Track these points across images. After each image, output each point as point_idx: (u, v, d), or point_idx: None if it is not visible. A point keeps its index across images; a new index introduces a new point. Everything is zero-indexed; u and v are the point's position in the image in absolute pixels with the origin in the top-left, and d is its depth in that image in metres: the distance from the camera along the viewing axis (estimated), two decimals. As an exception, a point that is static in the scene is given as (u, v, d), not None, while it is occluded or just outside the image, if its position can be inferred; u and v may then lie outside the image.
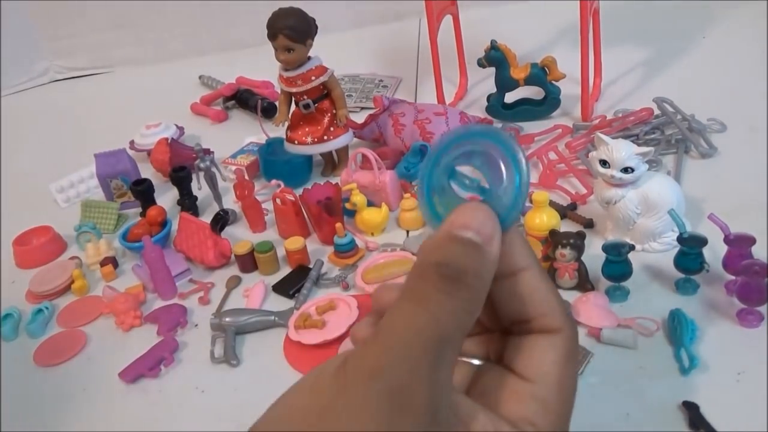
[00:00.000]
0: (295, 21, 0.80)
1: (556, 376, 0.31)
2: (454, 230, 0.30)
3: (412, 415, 0.27)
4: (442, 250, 0.29)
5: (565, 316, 0.32)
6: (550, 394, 0.31)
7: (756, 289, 0.55)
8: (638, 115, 0.87)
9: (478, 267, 0.29)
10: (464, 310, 0.29)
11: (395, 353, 0.28)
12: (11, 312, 0.74)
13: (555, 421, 0.31)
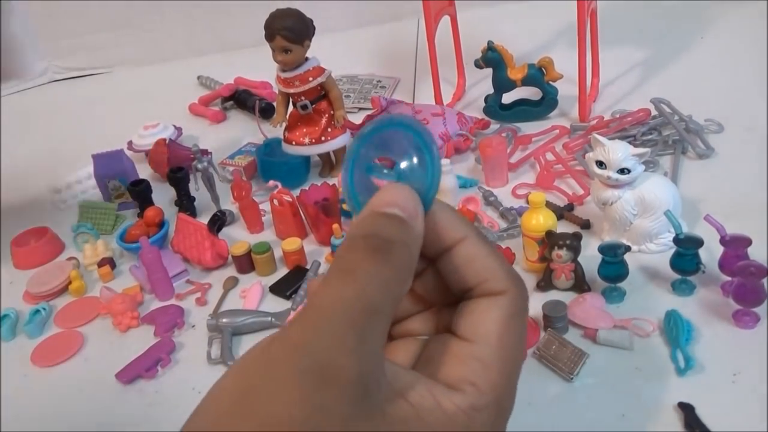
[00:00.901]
0: (293, 22, 0.80)
1: (497, 335, 0.31)
2: (379, 208, 0.30)
3: (339, 390, 0.26)
4: (369, 223, 0.30)
5: (508, 278, 0.32)
6: (490, 352, 0.31)
7: (752, 290, 0.55)
8: (636, 116, 0.87)
9: (405, 238, 0.30)
10: (393, 280, 0.29)
11: (319, 328, 0.27)
12: (9, 312, 0.74)
13: (496, 379, 0.31)
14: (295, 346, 0.27)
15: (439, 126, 0.87)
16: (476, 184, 0.83)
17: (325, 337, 0.27)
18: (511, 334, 0.32)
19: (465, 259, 0.33)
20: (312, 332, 0.27)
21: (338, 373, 0.27)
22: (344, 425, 0.27)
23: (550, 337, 0.57)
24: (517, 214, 0.75)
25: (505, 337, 0.32)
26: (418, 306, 0.35)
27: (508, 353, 0.32)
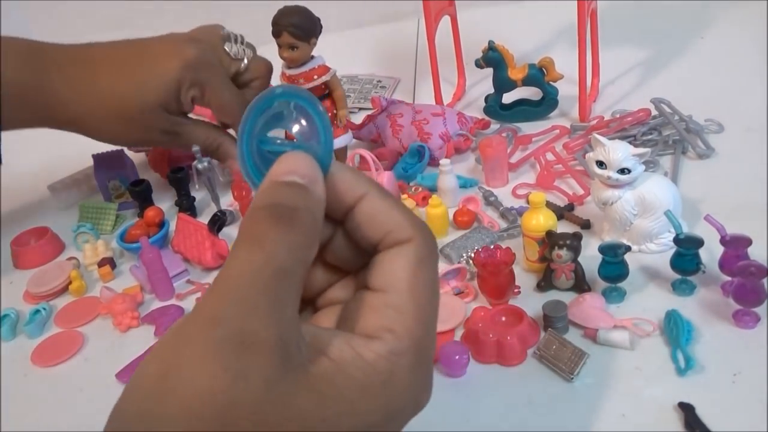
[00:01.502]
0: (300, 19, 0.80)
1: (407, 281, 0.32)
2: (278, 177, 0.31)
3: (259, 357, 0.26)
4: (270, 194, 0.30)
5: (412, 226, 0.33)
6: (402, 298, 0.32)
7: (752, 290, 0.55)
8: (636, 116, 0.87)
9: (307, 203, 0.31)
10: (300, 245, 0.29)
11: (231, 297, 0.27)
12: (9, 313, 0.74)
13: (411, 323, 0.31)
14: (208, 318, 0.27)
15: (439, 126, 0.87)
16: (476, 184, 0.83)
17: (238, 306, 0.27)
18: (421, 279, 0.32)
19: (368, 215, 0.33)
20: (224, 303, 0.27)
21: (256, 339, 0.27)
22: (268, 389, 0.27)
23: (550, 337, 0.57)
24: (517, 214, 0.75)
25: (416, 283, 0.32)
26: (336, 275, 0.36)
27: (420, 298, 0.32)
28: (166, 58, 0.76)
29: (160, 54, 0.77)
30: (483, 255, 0.63)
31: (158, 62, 0.76)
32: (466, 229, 0.75)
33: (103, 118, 0.77)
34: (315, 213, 0.31)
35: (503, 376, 0.57)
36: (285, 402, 0.27)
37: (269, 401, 0.27)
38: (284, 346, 0.28)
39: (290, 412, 0.27)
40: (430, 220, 0.75)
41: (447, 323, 0.62)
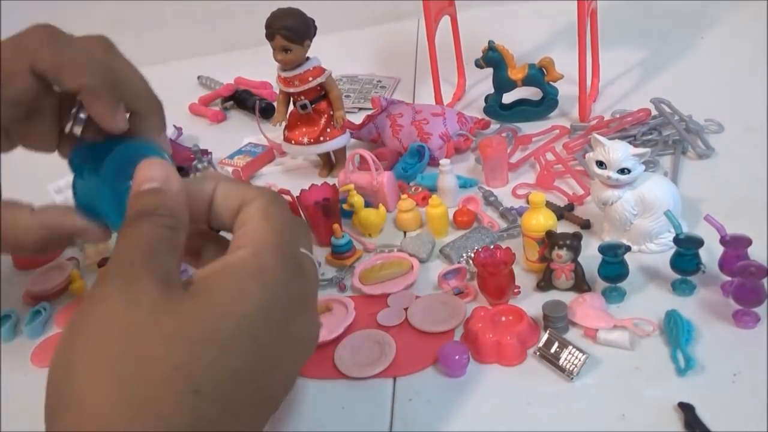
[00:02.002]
0: (293, 21, 0.80)
1: (260, 212, 0.40)
2: (137, 188, 0.39)
3: (145, 295, 0.34)
4: (135, 205, 0.38)
5: (259, 190, 0.42)
6: (257, 222, 0.40)
7: (752, 290, 0.55)
8: (636, 116, 0.87)
9: (164, 200, 0.38)
10: (164, 223, 0.37)
11: (120, 262, 0.36)
12: (9, 313, 0.74)
13: (268, 231, 0.39)
14: (99, 281, 0.35)
15: (439, 126, 0.87)
16: (476, 184, 0.83)
17: (128, 265, 0.35)
18: (273, 212, 0.40)
19: (221, 198, 0.41)
20: (111, 269, 0.35)
21: (138, 278, 0.34)
22: (155, 307, 0.33)
23: (550, 337, 0.57)
24: (517, 214, 0.76)
25: (269, 213, 0.40)
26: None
27: (274, 220, 0.40)
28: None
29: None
30: (483, 255, 0.63)
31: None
32: (466, 229, 0.75)
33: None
34: (173, 200, 0.39)
35: (503, 376, 0.57)
36: (173, 311, 0.33)
37: (160, 313, 0.33)
38: (166, 285, 0.34)
39: (180, 317, 0.33)
40: (430, 220, 0.75)
41: (447, 323, 0.63)
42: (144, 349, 0.32)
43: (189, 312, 0.34)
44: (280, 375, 0.38)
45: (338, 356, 0.61)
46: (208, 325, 0.34)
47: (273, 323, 0.36)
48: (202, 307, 0.34)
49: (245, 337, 0.34)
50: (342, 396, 0.58)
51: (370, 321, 0.65)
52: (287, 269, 0.38)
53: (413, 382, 0.58)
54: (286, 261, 0.38)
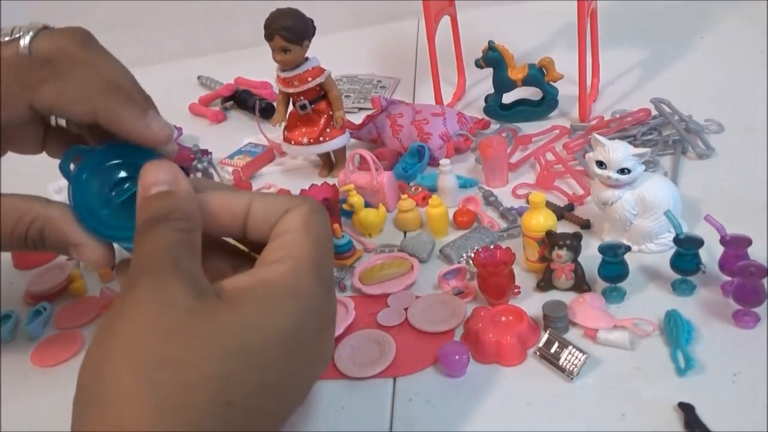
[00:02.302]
0: (292, 22, 0.80)
1: (301, 223, 0.39)
2: (146, 193, 0.38)
3: (179, 300, 0.33)
4: (146, 210, 0.37)
5: (300, 198, 0.41)
6: (297, 234, 0.39)
7: (752, 290, 0.55)
8: (636, 116, 0.87)
9: (176, 202, 0.38)
10: (181, 227, 0.36)
11: (146, 268, 0.35)
12: (9, 313, 0.74)
13: (307, 247, 0.38)
14: (127, 288, 0.35)
15: (439, 126, 0.87)
16: (476, 184, 0.83)
17: (152, 272, 0.34)
18: (313, 223, 0.39)
19: (260, 213, 0.40)
20: (137, 281, 0.34)
21: (168, 282, 0.34)
22: (191, 310, 0.33)
23: (550, 337, 0.57)
24: (517, 214, 0.75)
25: (309, 224, 0.39)
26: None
27: (313, 233, 0.39)
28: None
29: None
30: (483, 255, 0.63)
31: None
32: (466, 229, 0.75)
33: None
34: (185, 202, 0.38)
35: (503, 376, 0.57)
36: (209, 318, 0.33)
37: (196, 319, 0.33)
38: (194, 284, 0.34)
39: (217, 325, 0.33)
40: (430, 220, 0.75)
41: (447, 323, 0.62)
42: (180, 355, 0.32)
43: (225, 321, 0.34)
44: (302, 388, 0.39)
45: (338, 356, 0.61)
46: (245, 337, 0.34)
47: (304, 341, 0.36)
48: (239, 318, 0.34)
49: (278, 353, 0.35)
50: (342, 396, 0.58)
51: (370, 321, 0.65)
52: (321, 290, 0.38)
53: (413, 382, 0.58)
54: (322, 280, 0.38)
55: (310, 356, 0.38)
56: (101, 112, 0.40)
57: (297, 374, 0.37)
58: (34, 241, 0.42)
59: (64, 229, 0.41)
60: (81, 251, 0.41)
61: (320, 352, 0.39)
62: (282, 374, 0.35)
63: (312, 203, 0.41)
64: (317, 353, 0.39)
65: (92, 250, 0.41)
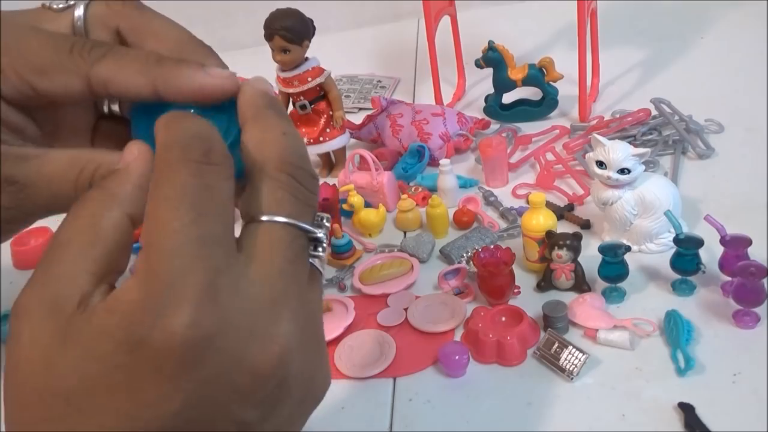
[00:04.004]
0: (292, 22, 0.80)
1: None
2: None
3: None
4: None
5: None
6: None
7: (752, 290, 0.55)
8: (636, 116, 0.87)
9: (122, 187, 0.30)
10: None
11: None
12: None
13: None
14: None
15: (439, 126, 0.87)
16: (476, 184, 0.83)
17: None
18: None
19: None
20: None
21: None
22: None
23: (550, 337, 0.57)
24: (517, 214, 0.75)
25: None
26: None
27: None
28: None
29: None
30: (483, 255, 0.63)
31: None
32: (466, 229, 0.75)
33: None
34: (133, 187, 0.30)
35: (503, 376, 0.57)
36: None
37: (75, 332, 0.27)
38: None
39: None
40: (430, 220, 0.75)
41: (447, 323, 0.62)
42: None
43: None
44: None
45: (338, 356, 0.61)
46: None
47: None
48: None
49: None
50: (342, 396, 0.58)
51: (370, 321, 0.65)
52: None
53: (413, 382, 0.58)
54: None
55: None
56: (160, 83, 0.33)
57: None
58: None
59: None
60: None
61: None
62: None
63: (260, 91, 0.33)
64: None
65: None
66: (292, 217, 0.30)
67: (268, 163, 0.30)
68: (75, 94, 0.33)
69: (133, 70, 0.33)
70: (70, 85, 0.33)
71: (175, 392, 0.25)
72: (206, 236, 0.27)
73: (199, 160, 0.28)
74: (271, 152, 0.31)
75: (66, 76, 0.33)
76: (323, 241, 0.30)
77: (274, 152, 0.31)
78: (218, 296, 0.26)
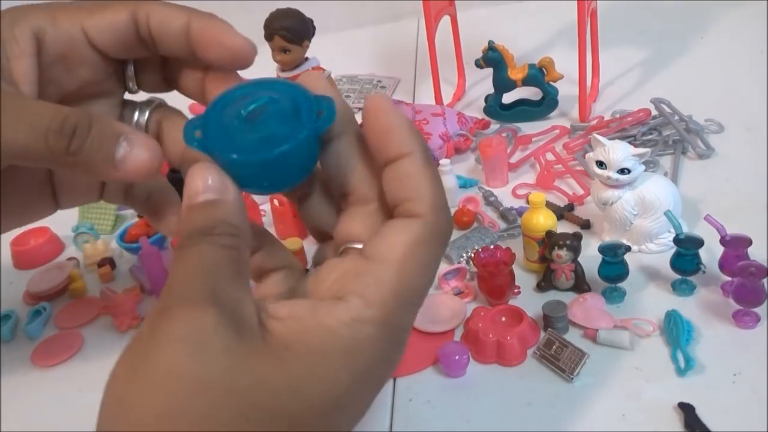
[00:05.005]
0: (292, 22, 0.80)
1: (400, 254, 0.30)
2: (191, 201, 0.31)
3: (215, 342, 0.28)
4: (189, 222, 0.31)
5: (432, 205, 0.31)
6: (386, 270, 0.30)
7: (752, 290, 0.55)
8: (636, 116, 0.87)
9: (224, 215, 0.31)
10: (225, 243, 0.30)
11: (179, 296, 0.29)
12: (9, 313, 0.74)
13: (388, 295, 0.30)
14: (157, 314, 0.29)
15: (439, 126, 0.87)
16: (476, 184, 0.83)
17: (182, 306, 0.28)
18: (415, 258, 0.30)
19: (403, 174, 0.31)
20: (167, 312, 0.29)
21: (203, 316, 0.28)
22: (229, 358, 0.27)
23: (550, 337, 0.57)
24: (517, 214, 0.75)
25: (409, 260, 0.30)
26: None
27: (407, 276, 0.30)
28: None
29: None
30: (483, 255, 0.63)
31: None
32: (466, 229, 0.75)
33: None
34: (234, 213, 0.31)
35: (503, 376, 0.57)
36: (247, 368, 0.28)
37: (233, 368, 0.27)
38: (234, 318, 0.28)
39: (253, 376, 0.28)
40: (430, 220, 0.75)
41: (447, 323, 0.62)
42: (211, 411, 0.27)
43: (266, 377, 0.28)
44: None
45: (338, 356, 0.61)
46: (284, 398, 0.28)
47: (348, 406, 0.30)
48: (283, 376, 0.28)
49: (317, 418, 0.29)
50: (342, 396, 0.58)
51: (370, 321, 0.65)
52: (389, 348, 0.30)
53: (413, 382, 0.58)
54: (393, 335, 0.30)
55: (351, 417, 0.32)
56: (195, 23, 0.35)
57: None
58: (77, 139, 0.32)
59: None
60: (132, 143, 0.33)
61: (361, 410, 0.33)
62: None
63: (440, 221, 0.31)
64: (358, 413, 0.32)
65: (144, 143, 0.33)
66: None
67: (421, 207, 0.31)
68: (121, 26, 0.34)
69: (174, 8, 0.35)
70: (117, 18, 0.34)
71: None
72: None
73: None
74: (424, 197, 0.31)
75: (113, 9, 0.35)
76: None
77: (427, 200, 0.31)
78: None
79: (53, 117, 0.31)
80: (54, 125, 0.31)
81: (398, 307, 0.30)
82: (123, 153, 0.32)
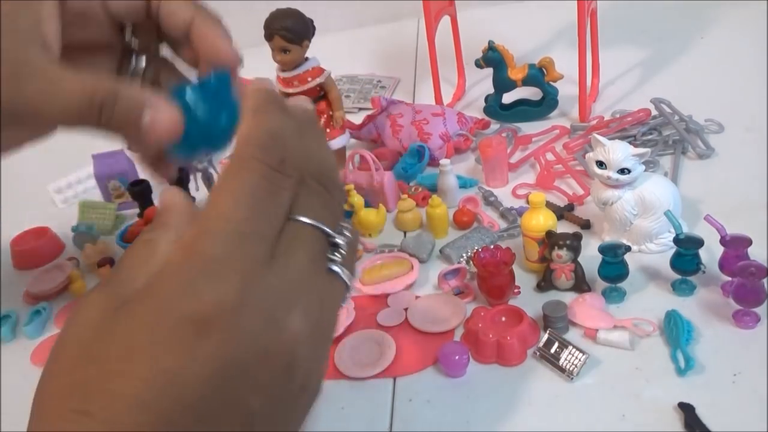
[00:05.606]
0: (292, 22, 0.80)
1: (216, 185, 0.32)
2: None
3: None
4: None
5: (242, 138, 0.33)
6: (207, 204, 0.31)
7: (752, 290, 0.55)
8: (636, 116, 0.87)
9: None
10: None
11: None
12: (9, 313, 0.74)
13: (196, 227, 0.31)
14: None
15: (439, 126, 0.87)
16: (476, 184, 0.83)
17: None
18: (225, 187, 0.31)
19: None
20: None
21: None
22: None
23: (550, 337, 0.57)
24: (517, 214, 0.75)
25: (221, 190, 0.31)
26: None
27: (220, 206, 0.31)
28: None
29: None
30: (483, 255, 0.63)
31: None
32: (466, 229, 0.75)
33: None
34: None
35: (503, 376, 0.57)
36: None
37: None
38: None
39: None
40: (430, 220, 0.75)
41: (447, 323, 0.62)
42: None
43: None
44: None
45: (338, 356, 0.61)
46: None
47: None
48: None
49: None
50: (342, 396, 0.58)
51: (370, 321, 0.65)
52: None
53: (413, 382, 0.58)
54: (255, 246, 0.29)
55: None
56: (198, 22, 0.39)
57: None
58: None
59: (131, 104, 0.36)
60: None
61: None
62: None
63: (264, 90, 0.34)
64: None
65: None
66: (317, 221, 0.31)
67: (305, 172, 0.32)
68: (138, 5, 0.40)
69: (184, 3, 0.40)
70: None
71: (192, 361, 0.26)
72: (255, 234, 0.29)
73: (273, 166, 0.30)
74: (310, 164, 0.33)
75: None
76: (342, 247, 0.32)
77: (313, 164, 0.33)
78: (247, 282, 0.28)
79: (82, 94, 0.35)
80: (84, 102, 0.34)
81: (203, 233, 0.29)
82: (149, 119, 0.36)
